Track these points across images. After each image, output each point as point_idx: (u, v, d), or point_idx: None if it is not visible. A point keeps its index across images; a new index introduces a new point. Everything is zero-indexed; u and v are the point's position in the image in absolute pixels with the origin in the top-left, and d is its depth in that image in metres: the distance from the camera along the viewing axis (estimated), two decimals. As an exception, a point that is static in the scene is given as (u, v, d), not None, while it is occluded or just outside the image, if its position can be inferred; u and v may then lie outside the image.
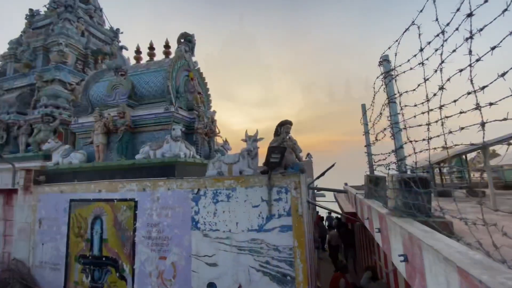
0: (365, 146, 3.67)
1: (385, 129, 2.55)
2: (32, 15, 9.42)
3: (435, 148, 1.54)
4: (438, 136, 1.48)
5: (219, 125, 6.65)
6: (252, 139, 4.21)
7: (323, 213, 12.67)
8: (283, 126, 4.00)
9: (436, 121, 1.49)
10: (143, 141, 5.73)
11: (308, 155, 11.40)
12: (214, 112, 6.82)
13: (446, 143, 1.45)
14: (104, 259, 4.73)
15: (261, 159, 4.45)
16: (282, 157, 3.35)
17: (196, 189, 4.31)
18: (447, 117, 1.43)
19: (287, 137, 4.02)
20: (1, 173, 6.02)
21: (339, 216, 9.68)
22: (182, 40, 6.51)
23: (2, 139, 7.01)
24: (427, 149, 1.71)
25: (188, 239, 4.24)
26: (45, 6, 9.58)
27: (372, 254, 6.22)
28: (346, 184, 9.95)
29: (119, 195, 4.78)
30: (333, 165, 5.17)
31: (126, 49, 6.85)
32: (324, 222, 10.91)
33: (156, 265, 4.35)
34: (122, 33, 10.44)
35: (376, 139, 3.13)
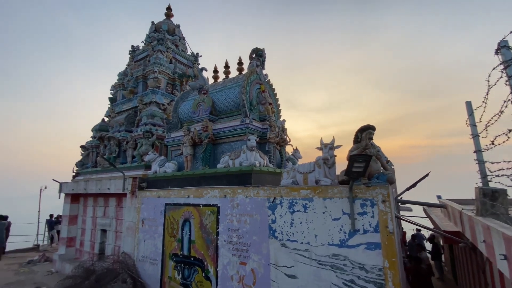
0: (475, 152, 3.04)
1: (510, 130, 2.05)
2: (133, 50, 11.61)
3: None
4: None
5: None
6: (328, 147, 4.03)
7: (407, 230, 11.10)
8: (365, 132, 3.69)
9: None
10: (222, 151, 6.22)
11: (388, 162, 10.24)
12: (284, 121, 6.89)
13: None
14: (192, 259, 5.24)
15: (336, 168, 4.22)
16: (367, 166, 3.08)
17: (272, 197, 4.37)
18: None
19: (370, 144, 3.69)
20: (115, 180, 7.45)
21: (433, 234, 8.30)
22: (254, 56, 6.88)
23: (115, 152, 8.73)
24: None
25: (266, 247, 4.30)
26: (142, 42, 11.69)
27: (482, 284, 5.01)
28: (439, 196, 8.48)
29: (204, 201, 5.27)
30: (427, 175, 4.47)
31: (206, 70, 7.67)
32: (413, 240, 9.50)
33: (237, 270, 4.56)
34: (201, 56, 11.80)
35: (493, 143, 2.56)
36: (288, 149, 7.23)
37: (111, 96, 10.84)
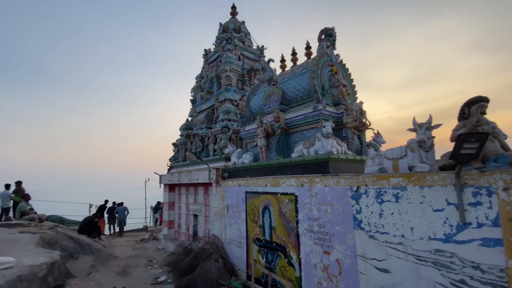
0: None
1: None
2: (206, 54, 12.62)
3: None
4: None
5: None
6: (424, 127, 3.47)
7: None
8: (475, 105, 3.02)
9: None
10: (295, 140, 6.18)
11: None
12: (361, 103, 6.31)
13: None
14: (274, 244, 5.46)
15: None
16: (482, 146, 2.51)
17: (355, 186, 4.10)
18: None
19: (483, 120, 3.00)
20: (202, 172, 8.38)
21: None
22: (323, 37, 6.50)
23: (200, 147, 9.80)
24: None
25: (351, 238, 4.10)
26: (213, 44, 12.58)
27: None
28: None
29: (281, 189, 5.38)
30: None
31: (273, 61, 7.71)
32: None
33: (320, 259, 4.51)
34: (266, 48, 11.93)
35: None
36: (368, 134, 6.63)
37: (192, 98, 12.14)
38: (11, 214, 9.41)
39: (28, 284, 4.28)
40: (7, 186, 9.43)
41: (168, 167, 11.96)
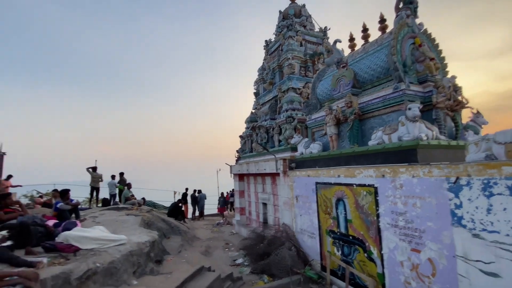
0: None
1: None
2: (267, 44, 12.60)
3: None
4: None
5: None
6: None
7: None
8: None
9: None
10: (371, 126, 5.66)
11: None
12: (454, 77, 5.29)
13: None
14: (351, 237, 5.20)
15: None
16: None
17: (454, 177, 3.50)
18: None
19: None
20: (268, 162, 8.56)
21: None
22: (401, 6, 5.65)
23: (265, 138, 10.01)
24: None
25: (448, 236, 3.56)
26: (273, 34, 12.45)
27: None
28: None
29: (357, 180, 5.03)
30: None
31: (340, 41, 7.15)
32: None
33: (408, 256, 4.08)
34: (329, 29, 11.15)
35: None
36: (464, 115, 5.54)
37: (255, 91, 12.42)
38: (117, 199, 11.58)
39: (137, 258, 5.18)
40: (113, 177, 11.59)
41: (236, 158, 12.66)
